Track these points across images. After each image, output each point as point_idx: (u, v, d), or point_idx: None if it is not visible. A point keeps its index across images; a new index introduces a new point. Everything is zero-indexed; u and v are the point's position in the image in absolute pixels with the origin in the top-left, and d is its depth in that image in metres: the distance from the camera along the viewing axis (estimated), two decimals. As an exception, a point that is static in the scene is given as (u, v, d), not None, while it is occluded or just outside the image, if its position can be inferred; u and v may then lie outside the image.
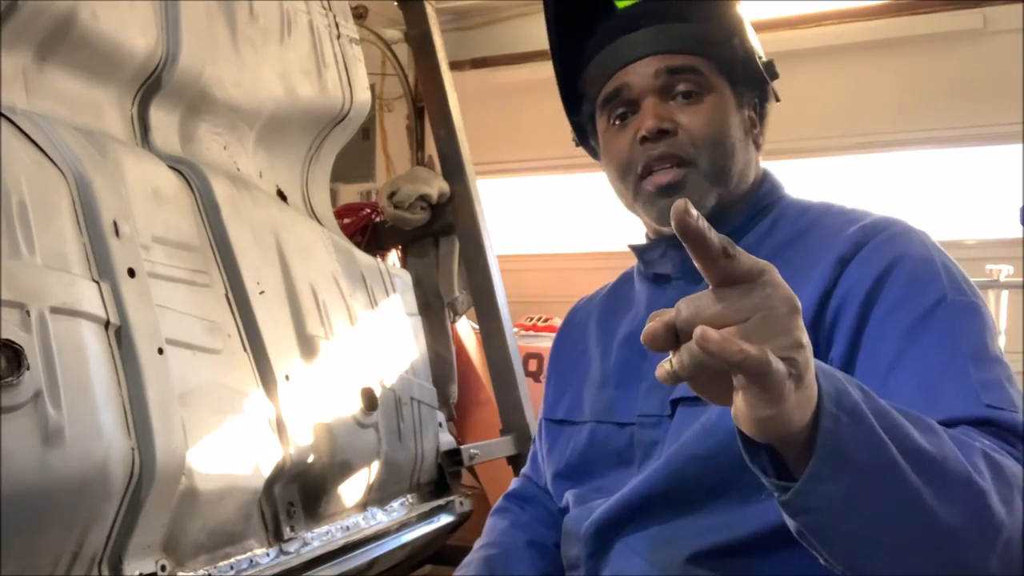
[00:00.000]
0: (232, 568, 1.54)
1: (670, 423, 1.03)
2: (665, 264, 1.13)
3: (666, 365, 0.64)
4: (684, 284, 1.10)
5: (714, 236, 0.61)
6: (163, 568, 1.40)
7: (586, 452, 1.13)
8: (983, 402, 0.84)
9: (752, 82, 1.13)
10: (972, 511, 0.72)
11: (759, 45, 1.16)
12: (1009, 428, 0.83)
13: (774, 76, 1.15)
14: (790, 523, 0.72)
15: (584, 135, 1.22)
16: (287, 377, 1.69)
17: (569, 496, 1.14)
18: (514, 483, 1.35)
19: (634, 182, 1.10)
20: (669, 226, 1.07)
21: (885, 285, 0.94)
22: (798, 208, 1.13)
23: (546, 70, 1.25)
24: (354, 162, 4.09)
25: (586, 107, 1.18)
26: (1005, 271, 2.72)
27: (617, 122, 1.12)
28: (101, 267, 1.40)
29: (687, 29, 1.11)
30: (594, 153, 1.22)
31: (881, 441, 0.68)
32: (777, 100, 1.18)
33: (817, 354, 0.91)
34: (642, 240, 1.20)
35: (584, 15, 1.17)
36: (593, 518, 1.05)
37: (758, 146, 1.15)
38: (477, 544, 1.23)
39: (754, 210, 1.12)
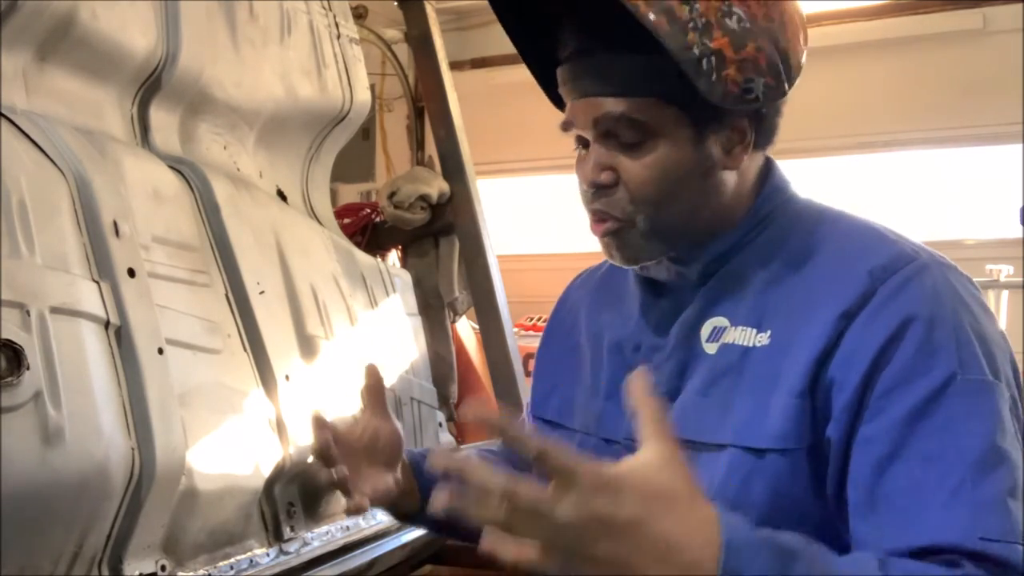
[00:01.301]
0: (232, 568, 1.54)
1: None
2: (660, 271, 1.07)
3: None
4: (680, 293, 1.06)
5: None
6: (163, 568, 1.40)
7: None
8: (976, 533, 0.80)
9: (721, 106, 0.96)
10: None
11: (741, 51, 0.94)
12: (1003, 563, 0.79)
13: (751, 103, 0.96)
14: None
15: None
16: (287, 377, 1.69)
17: None
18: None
19: (589, 215, 1.07)
20: (622, 265, 1.06)
21: (890, 356, 0.88)
22: (806, 220, 1.03)
23: (546, 70, 1.22)
24: (354, 162, 4.10)
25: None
26: (1005, 271, 2.72)
27: (580, 146, 1.05)
28: (101, 267, 1.39)
29: (634, 65, 0.96)
30: None
31: None
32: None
33: (813, 425, 0.91)
34: None
35: (537, 23, 1.07)
36: None
37: (737, 165, 1.02)
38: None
39: (752, 222, 1.03)
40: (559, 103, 1.12)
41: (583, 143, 1.04)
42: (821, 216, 1.04)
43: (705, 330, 1.02)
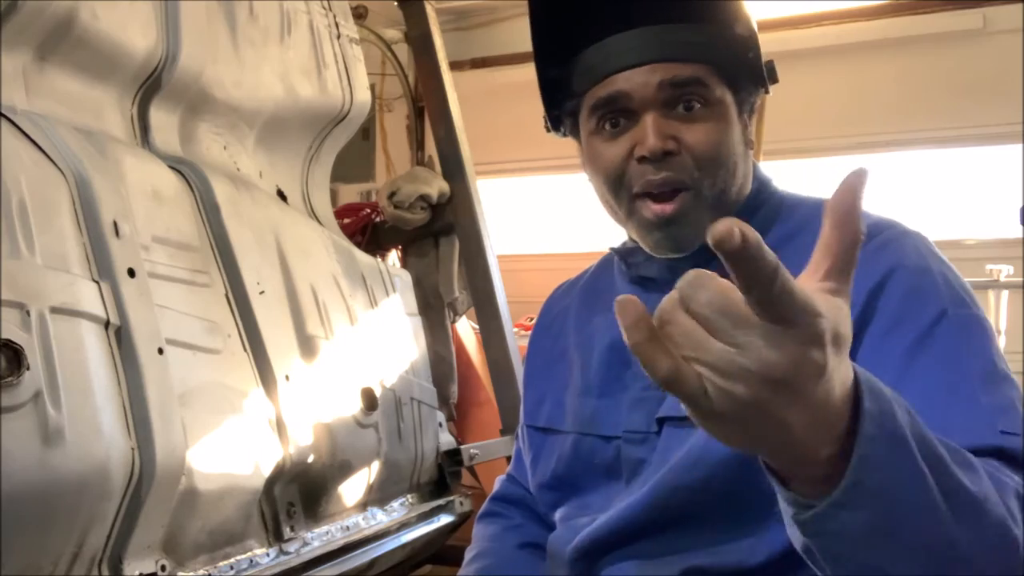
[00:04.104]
0: (232, 568, 1.54)
1: (657, 440, 1.00)
2: (651, 268, 1.07)
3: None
4: (671, 288, 1.06)
5: (767, 259, 0.50)
6: (163, 568, 1.40)
7: (571, 465, 1.09)
8: (995, 428, 0.79)
9: (754, 86, 1.05)
10: (1004, 561, 0.66)
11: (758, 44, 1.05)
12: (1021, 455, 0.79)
13: (775, 80, 1.06)
14: (796, 539, 0.64)
15: (557, 125, 1.12)
16: (287, 377, 1.69)
17: (557, 515, 1.12)
18: (499, 484, 1.32)
19: (628, 201, 1.02)
20: (664, 255, 1.04)
21: (880, 300, 0.89)
22: (788, 205, 1.07)
23: (546, 70, 1.20)
24: (354, 162, 4.09)
25: (569, 103, 1.08)
26: (1005, 271, 2.72)
27: (608, 127, 1.02)
28: (101, 267, 1.40)
29: (691, 32, 1.00)
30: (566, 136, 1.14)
31: (922, 474, 0.61)
32: (767, 93, 1.09)
33: None
34: (624, 240, 1.14)
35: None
36: (577, 541, 1.02)
37: (752, 146, 1.07)
38: (468, 553, 1.20)
39: (746, 213, 1.04)
40: (550, 97, 1.10)
41: (613, 122, 1.01)
42: (802, 203, 1.08)
43: None
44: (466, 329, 3.00)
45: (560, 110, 1.10)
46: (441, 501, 2.12)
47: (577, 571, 1.03)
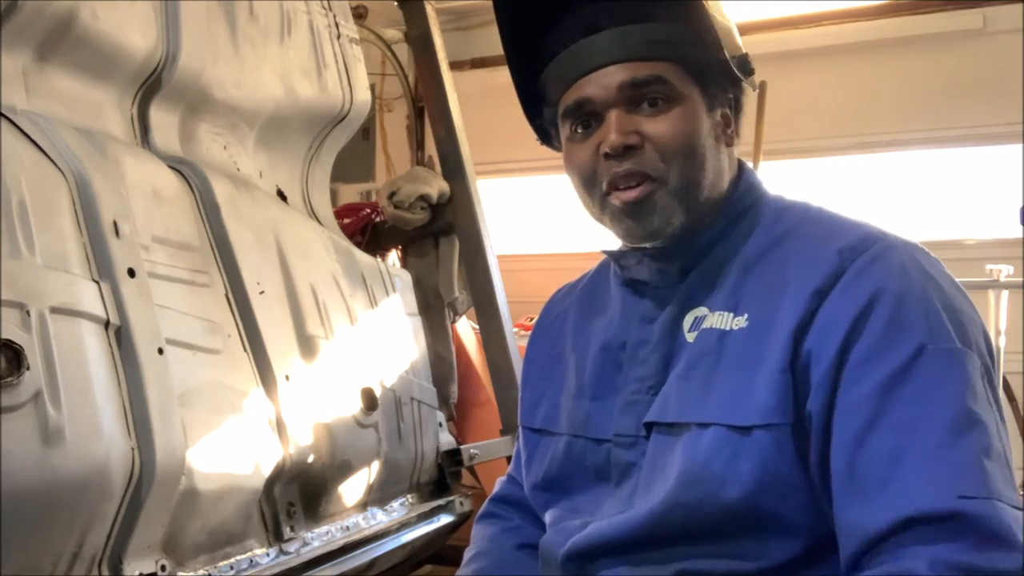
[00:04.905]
0: (232, 568, 1.55)
1: (646, 444, 1.01)
2: (642, 271, 1.08)
3: None
4: (661, 291, 1.07)
5: None
6: (163, 568, 1.40)
7: (564, 466, 1.10)
8: (954, 492, 0.82)
9: (725, 82, 1.06)
10: None
11: (736, 38, 1.07)
12: (978, 520, 0.81)
13: (748, 73, 1.07)
14: None
15: (547, 136, 1.16)
16: (287, 377, 1.69)
17: (547, 517, 1.12)
18: (499, 485, 1.33)
19: (600, 197, 1.04)
20: (636, 243, 1.06)
21: (862, 328, 0.90)
22: (775, 210, 1.07)
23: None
24: (354, 162, 4.09)
25: (547, 111, 1.11)
26: (1005, 271, 2.71)
27: (579, 130, 1.05)
28: (101, 267, 1.40)
29: (653, 31, 1.02)
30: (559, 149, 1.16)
31: None
32: (754, 90, 1.11)
33: (796, 400, 0.91)
34: (617, 244, 1.14)
35: (540, 9, 1.08)
36: (570, 545, 1.03)
37: (732, 144, 1.08)
38: (467, 554, 1.21)
39: (730, 216, 1.06)
40: (531, 108, 1.15)
41: (583, 124, 1.04)
42: (789, 207, 1.07)
43: (687, 321, 1.04)
44: (466, 329, 3.00)
45: (542, 119, 1.13)
46: (441, 501, 2.12)
47: (569, 573, 1.03)
